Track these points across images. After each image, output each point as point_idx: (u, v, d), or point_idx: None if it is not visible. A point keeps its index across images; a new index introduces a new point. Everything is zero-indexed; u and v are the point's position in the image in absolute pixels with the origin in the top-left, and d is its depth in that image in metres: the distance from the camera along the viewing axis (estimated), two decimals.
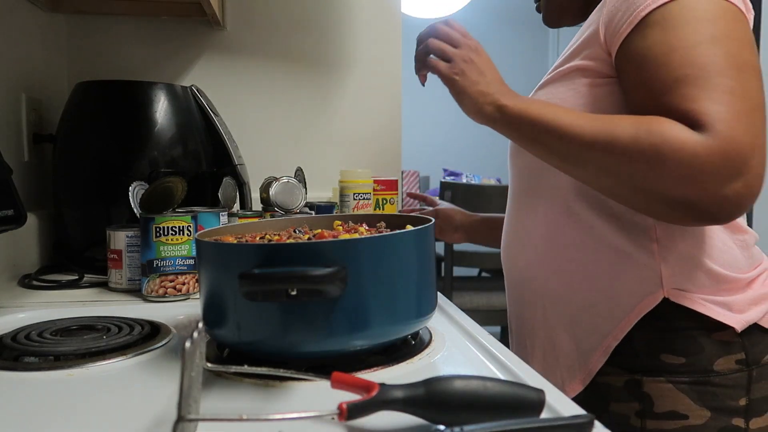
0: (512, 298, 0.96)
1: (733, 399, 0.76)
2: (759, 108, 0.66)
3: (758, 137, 0.65)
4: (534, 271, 0.88)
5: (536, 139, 0.75)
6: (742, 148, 0.63)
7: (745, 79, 0.66)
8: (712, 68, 0.66)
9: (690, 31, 0.68)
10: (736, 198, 0.64)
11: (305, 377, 0.54)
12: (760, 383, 0.77)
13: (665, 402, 0.76)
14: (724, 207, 0.65)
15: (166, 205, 0.92)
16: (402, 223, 0.70)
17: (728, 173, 0.63)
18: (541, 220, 0.86)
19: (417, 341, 0.67)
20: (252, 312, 0.57)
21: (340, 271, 0.53)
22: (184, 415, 0.42)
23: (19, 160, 1.15)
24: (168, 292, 0.90)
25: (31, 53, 1.23)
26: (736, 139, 0.63)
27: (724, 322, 0.75)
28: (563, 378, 0.84)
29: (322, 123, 1.53)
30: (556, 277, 0.84)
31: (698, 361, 0.76)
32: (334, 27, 1.52)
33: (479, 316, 2.27)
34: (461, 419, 0.44)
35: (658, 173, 0.66)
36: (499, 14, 4.34)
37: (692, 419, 0.76)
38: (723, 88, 0.65)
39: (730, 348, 0.76)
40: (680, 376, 0.76)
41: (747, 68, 0.67)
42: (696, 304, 0.76)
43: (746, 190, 0.64)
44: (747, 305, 0.77)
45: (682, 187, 0.65)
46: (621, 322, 0.78)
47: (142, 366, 0.62)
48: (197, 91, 1.19)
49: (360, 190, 1.28)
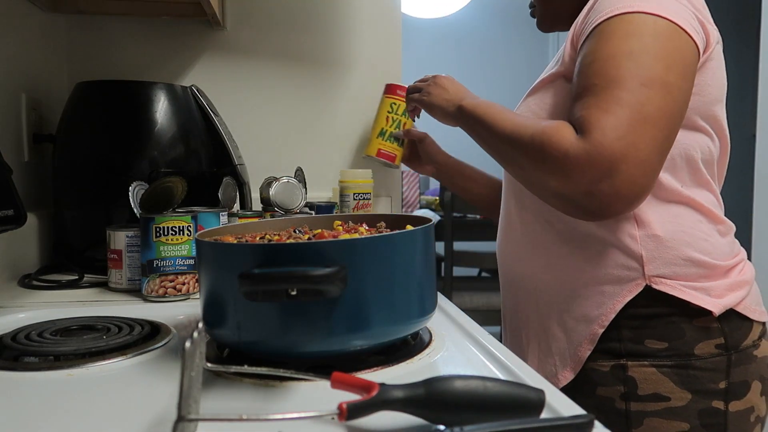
0: (507, 294, 1.00)
1: (714, 382, 0.80)
2: (650, 122, 0.71)
3: (636, 148, 0.70)
4: (525, 265, 0.93)
5: (477, 133, 0.88)
6: (609, 154, 0.69)
7: (645, 93, 0.71)
8: (616, 80, 0.72)
9: (615, 44, 0.74)
10: (602, 197, 0.71)
11: (305, 377, 0.54)
12: (739, 368, 0.81)
13: (648, 385, 0.80)
14: (593, 202, 0.72)
15: (166, 205, 0.92)
16: (402, 223, 0.70)
17: (593, 174, 0.70)
18: (529, 216, 0.91)
19: (417, 341, 0.67)
20: (252, 312, 0.57)
21: (340, 271, 0.53)
22: (184, 415, 0.42)
23: (19, 160, 1.14)
24: (168, 292, 0.90)
25: (31, 53, 1.23)
26: (605, 145, 0.69)
27: (702, 306, 0.79)
28: (556, 367, 0.88)
29: (322, 123, 1.53)
30: (545, 270, 0.89)
31: (680, 346, 0.80)
32: (334, 27, 1.52)
33: (479, 316, 2.27)
34: (461, 419, 0.44)
35: (539, 168, 0.76)
36: (499, 14, 4.34)
37: (674, 401, 0.80)
38: (616, 99, 0.71)
39: (710, 333, 0.81)
40: (663, 360, 0.80)
41: (653, 84, 0.72)
42: (675, 290, 0.80)
43: (612, 191, 0.70)
44: (724, 291, 0.82)
45: (555, 181, 0.74)
46: (606, 309, 0.83)
47: (142, 366, 0.62)
48: (197, 91, 1.19)
49: (360, 190, 1.28)
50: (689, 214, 0.82)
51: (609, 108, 0.71)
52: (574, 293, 0.86)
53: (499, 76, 4.32)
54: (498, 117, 0.84)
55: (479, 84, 4.32)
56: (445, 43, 4.26)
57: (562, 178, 0.73)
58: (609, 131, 0.70)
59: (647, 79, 0.72)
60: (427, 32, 4.19)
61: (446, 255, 2.46)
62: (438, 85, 1.03)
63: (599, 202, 0.72)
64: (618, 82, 0.72)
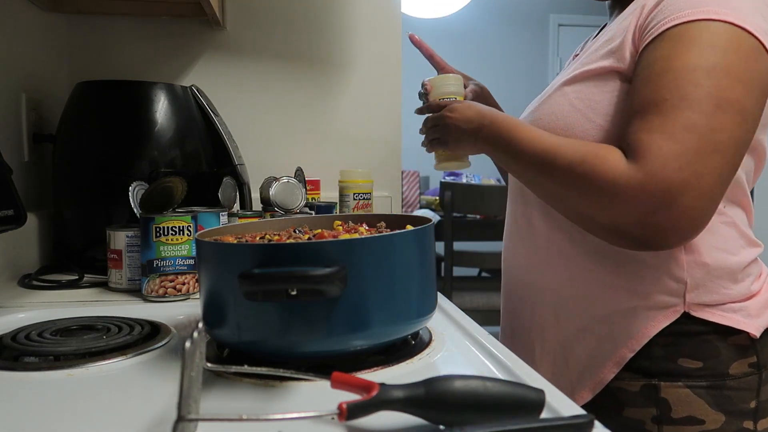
0: (516, 302, 0.94)
1: (745, 402, 0.77)
2: (719, 151, 0.65)
3: (699, 178, 0.65)
4: (545, 277, 0.86)
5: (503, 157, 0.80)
6: (667, 184, 0.64)
7: (719, 119, 0.65)
8: (689, 100, 0.65)
9: (694, 55, 0.67)
10: (658, 228, 0.66)
11: (305, 377, 0.54)
12: (767, 385, 0.78)
13: (683, 407, 0.76)
14: (646, 234, 0.67)
15: (166, 205, 0.92)
16: (402, 223, 0.70)
17: (647, 205, 0.65)
18: (551, 224, 0.84)
19: (417, 341, 0.67)
20: (252, 312, 0.57)
21: (340, 271, 0.53)
22: (184, 415, 0.42)
23: (19, 160, 1.15)
24: (168, 292, 0.90)
25: (31, 53, 1.23)
26: (663, 175, 0.64)
27: (742, 329, 0.76)
28: (572, 385, 0.83)
29: (322, 123, 1.53)
30: (569, 284, 0.83)
31: (715, 365, 0.76)
32: (334, 27, 1.52)
33: (479, 316, 2.26)
34: (461, 419, 0.44)
35: (586, 199, 0.70)
36: (499, 14, 4.34)
37: (708, 424, 0.75)
38: (685, 122, 0.65)
39: (745, 351, 0.77)
40: (697, 380, 0.76)
41: (729, 108, 0.66)
42: (716, 316, 0.76)
43: (669, 223, 0.65)
44: (761, 309, 0.78)
45: (606, 212, 0.69)
46: (637, 334, 0.77)
47: (142, 366, 0.62)
48: (197, 91, 1.19)
49: (360, 190, 1.28)
50: (732, 237, 0.78)
51: (675, 133, 0.65)
52: (601, 311, 0.80)
53: (499, 76, 4.33)
54: (524, 139, 0.76)
55: None
56: (445, 43, 4.26)
57: (611, 208, 0.68)
58: (672, 161, 0.64)
59: (724, 102, 0.65)
60: (427, 32, 4.17)
61: (446, 255, 2.46)
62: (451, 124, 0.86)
63: (653, 234, 0.67)
64: (691, 102, 0.65)
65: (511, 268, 0.95)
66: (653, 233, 0.67)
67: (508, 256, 0.96)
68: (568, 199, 0.74)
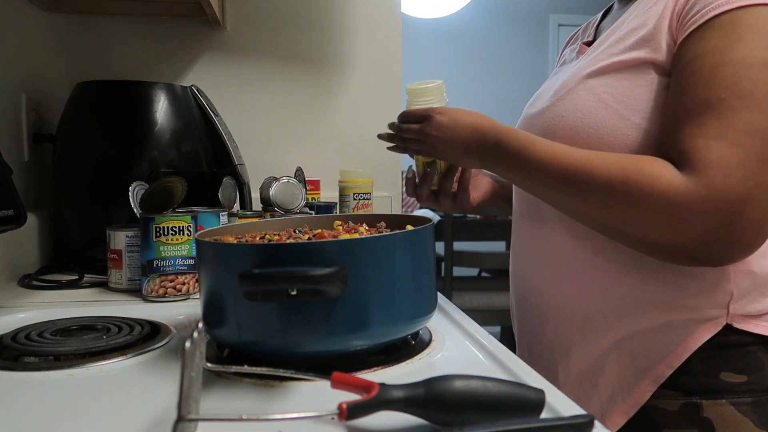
0: (531, 319, 0.86)
1: None
2: None
3: (765, 187, 0.59)
4: (569, 292, 0.78)
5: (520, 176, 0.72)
6: (731, 198, 0.58)
7: None
8: (748, 98, 0.59)
9: (749, 46, 0.60)
10: (720, 245, 0.60)
11: (305, 377, 0.54)
12: None
13: (727, 428, 0.69)
14: (706, 252, 0.62)
15: (166, 205, 0.92)
16: (402, 223, 0.70)
17: (710, 222, 0.59)
18: (581, 238, 0.75)
19: (417, 341, 0.67)
20: (252, 312, 0.57)
21: (340, 271, 0.53)
22: (184, 415, 0.42)
23: (19, 160, 1.15)
24: (168, 292, 0.90)
25: (31, 53, 1.23)
26: (726, 187, 0.58)
27: None
28: (602, 408, 0.76)
29: (322, 123, 1.53)
30: (601, 299, 0.75)
31: (759, 379, 0.70)
32: (334, 27, 1.52)
33: (479, 316, 2.27)
34: (461, 419, 0.44)
35: (633, 219, 0.64)
36: (499, 14, 4.34)
37: None
38: (746, 125, 0.59)
39: None
40: (741, 396, 0.70)
41: None
42: (759, 327, 0.70)
43: (732, 239, 0.60)
44: None
45: (659, 232, 0.62)
46: (676, 348, 0.71)
47: (142, 366, 0.62)
48: (197, 91, 1.19)
49: (360, 190, 1.28)
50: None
51: (737, 138, 0.58)
52: (635, 327, 0.73)
53: (499, 76, 4.33)
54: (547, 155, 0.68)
55: (478, 84, 4.34)
56: (445, 43, 4.27)
57: (667, 227, 0.61)
58: (735, 171, 0.58)
59: None
60: (427, 32, 4.19)
61: (446, 255, 2.46)
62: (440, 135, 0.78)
63: (717, 252, 0.61)
64: (753, 101, 0.58)
65: (525, 289, 0.87)
66: (716, 251, 0.61)
67: (520, 276, 0.88)
68: (608, 219, 0.66)
